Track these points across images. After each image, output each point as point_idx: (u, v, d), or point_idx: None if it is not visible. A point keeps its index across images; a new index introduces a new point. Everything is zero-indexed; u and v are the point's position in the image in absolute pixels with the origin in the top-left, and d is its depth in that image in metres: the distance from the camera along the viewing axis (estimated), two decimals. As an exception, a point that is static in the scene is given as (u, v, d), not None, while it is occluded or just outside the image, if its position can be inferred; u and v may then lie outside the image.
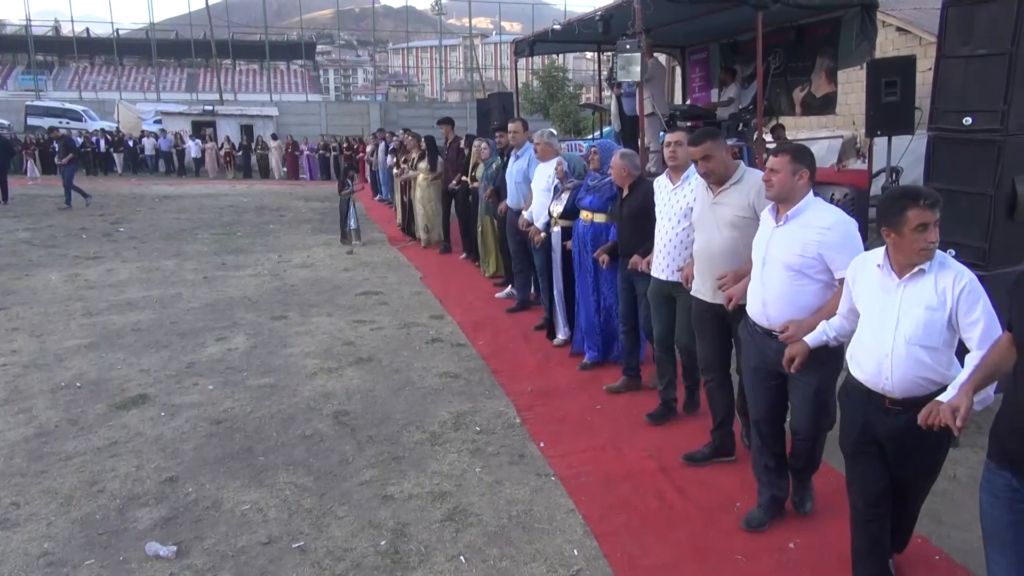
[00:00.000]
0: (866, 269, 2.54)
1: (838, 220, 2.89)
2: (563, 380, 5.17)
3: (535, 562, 3.05)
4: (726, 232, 3.46)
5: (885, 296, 2.44)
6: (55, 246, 10.97)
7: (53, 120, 29.86)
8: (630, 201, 4.60)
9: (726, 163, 3.45)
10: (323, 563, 3.05)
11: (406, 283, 8.41)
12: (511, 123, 7.20)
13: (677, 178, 4.06)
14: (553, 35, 10.66)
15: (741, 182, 3.43)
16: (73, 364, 5.56)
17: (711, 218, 3.53)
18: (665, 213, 4.10)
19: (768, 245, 3.01)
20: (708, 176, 3.47)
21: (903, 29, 13.20)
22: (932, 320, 2.34)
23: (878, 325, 2.46)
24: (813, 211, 2.93)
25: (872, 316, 2.49)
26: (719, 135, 3.51)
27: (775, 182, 2.92)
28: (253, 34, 50.36)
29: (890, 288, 2.43)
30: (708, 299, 3.62)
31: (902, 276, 2.40)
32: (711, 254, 3.54)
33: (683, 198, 3.99)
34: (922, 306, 2.35)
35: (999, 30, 4.34)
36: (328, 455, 4.04)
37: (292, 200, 17.83)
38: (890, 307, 2.42)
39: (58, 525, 3.35)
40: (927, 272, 2.36)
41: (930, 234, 2.30)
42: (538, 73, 36.35)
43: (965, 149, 4.57)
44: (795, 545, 3.13)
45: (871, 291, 2.49)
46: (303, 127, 31.05)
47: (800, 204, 2.93)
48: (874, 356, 2.46)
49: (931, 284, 2.35)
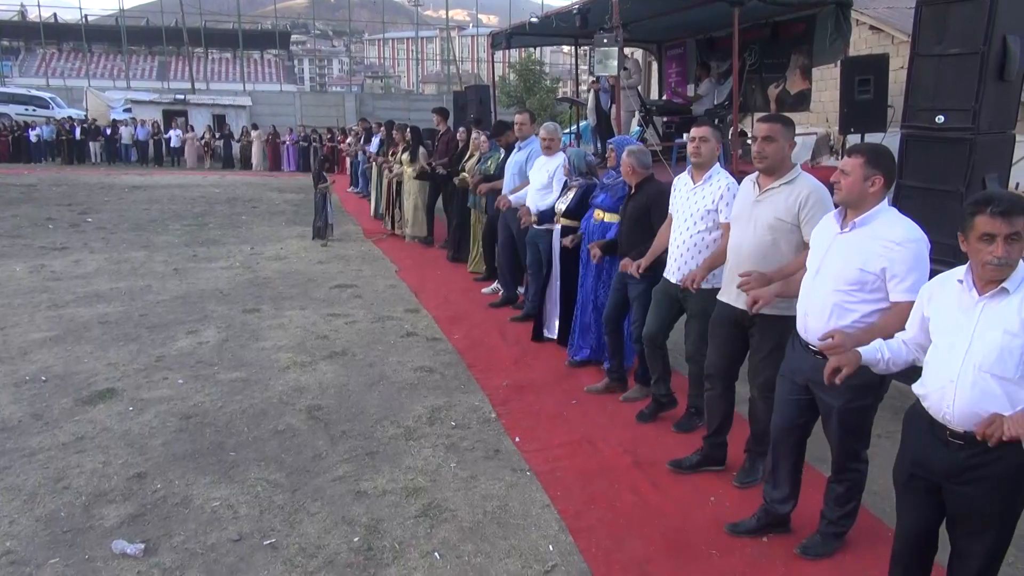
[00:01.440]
0: (945, 285, 2.26)
1: (911, 236, 2.59)
2: (539, 375, 5.16)
3: (510, 558, 3.04)
4: (761, 233, 3.22)
5: (961, 315, 2.16)
6: (20, 236, 10.71)
7: (19, 107, 29.18)
8: (634, 200, 4.48)
9: (784, 154, 3.18)
10: (295, 560, 3.00)
11: (381, 276, 8.34)
12: (518, 114, 7.00)
13: (699, 176, 3.87)
14: (530, 28, 10.65)
15: (792, 184, 3.17)
16: (38, 357, 5.43)
17: (750, 216, 3.28)
18: (682, 213, 3.92)
19: (827, 252, 2.74)
20: (760, 159, 3.18)
21: (876, 28, 13.35)
22: (1010, 347, 2.03)
23: (948, 346, 2.17)
24: (884, 221, 2.65)
25: (944, 336, 2.20)
26: (793, 126, 3.26)
27: (844, 186, 2.67)
28: (226, 22, 49.53)
29: (968, 306, 2.15)
30: (730, 302, 3.41)
31: (983, 293, 2.12)
32: (739, 254, 3.31)
33: (703, 198, 3.82)
34: (1000, 329, 2.06)
35: (972, 30, 4.40)
36: (301, 450, 3.99)
37: (265, 191, 17.61)
38: (964, 327, 2.13)
39: (21, 523, 3.26)
40: (1010, 292, 2.07)
41: (997, 247, 2.03)
42: (515, 66, 36.28)
43: (937, 147, 4.64)
44: (768, 539, 3.15)
45: (948, 308, 2.21)
46: (277, 117, 30.65)
47: (870, 212, 2.66)
48: (939, 380, 2.18)
49: (1015, 306, 2.06)
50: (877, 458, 3.17)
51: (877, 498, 3.40)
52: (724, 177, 3.85)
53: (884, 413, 3.31)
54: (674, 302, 4.08)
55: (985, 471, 2.12)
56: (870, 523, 3.26)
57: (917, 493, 2.33)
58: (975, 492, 2.16)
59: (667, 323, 4.20)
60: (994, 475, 2.12)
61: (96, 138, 25.91)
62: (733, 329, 3.45)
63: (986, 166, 4.55)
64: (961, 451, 2.15)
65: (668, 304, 4.12)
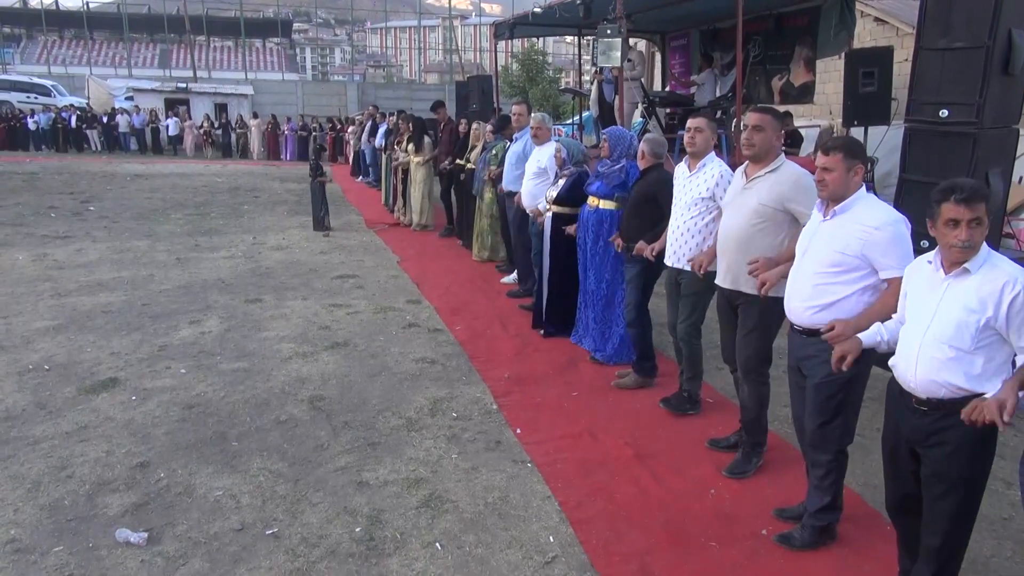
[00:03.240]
0: (919, 267, 2.45)
1: (887, 220, 2.73)
2: (540, 366, 5.17)
3: (511, 549, 3.06)
4: (745, 218, 3.37)
5: (929, 292, 2.35)
6: (23, 224, 10.72)
7: (20, 95, 29.11)
8: (638, 186, 4.63)
9: (771, 144, 3.33)
10: (297, 550, 3.02)
11: (383, 267, 8.35)
12: (515, 104, 6.98)
13: (694, 165, 4.03)
14: (533, 18, 10.61)
15: (777, 171, 3.33)
16: (41, 346, 5.45)
17: (738, 202, 3.45)
18: (679, 200, 4.07)
19: (812, 239, 2.89)
20: (748, 146, 3.34)
21: (881, 19, 13.27)
22: (967, 322, 2.23)
23: (915, 321, 2.37)
24: (863, 207, 2.78)
25: (913, 311, 2.40)
26: (781, 118, 3.41)
27: (829, 182, 2.77)
28: (228, 10, 49.29)
29: (935, 284, 2.34)
30: (723, 285, 3.57)
31: (948, 273, 2.31)
32: (727, 238, 3.48)
33: (697, 186, 3.96)
34: (960, 305, 2.25)
35: (977, 23, 4.38)
36: (303, 441, 4.01)
37: (267, 181, 17.59)
38: (930, 303, 2.33)
39: (25, 511, 3.28)
40: (972, 272, 2.25)
41: (961, 231, 2.20)
42: (518, 56, 36.10)
43: (941, 141, 4.62)
44: (767, 532, 3.17)
45: (919, 288, 2.40)
46: (279, 106, 30.57)
47: (849, 199, 2.78)
48: (906, 352, 2.38)
49: (974, 285, 2.24)
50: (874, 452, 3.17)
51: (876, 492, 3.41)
52: (717, 165, 4.00)
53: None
54: (677, 287, 4.16)
55: (947, 435, 2.31)
56: (868, 515, 3.27)
57: (896, 460, 2.53)
58: (939, 455, 2.36)
59: None
60: (955, 438, 2.30)
61: (93, 126, 25.85)
62: (731, 312, 3.61)
63: (989, 160, 4.54)
64: (925, 417, 2.36)
65: (676, 291, 4.19)
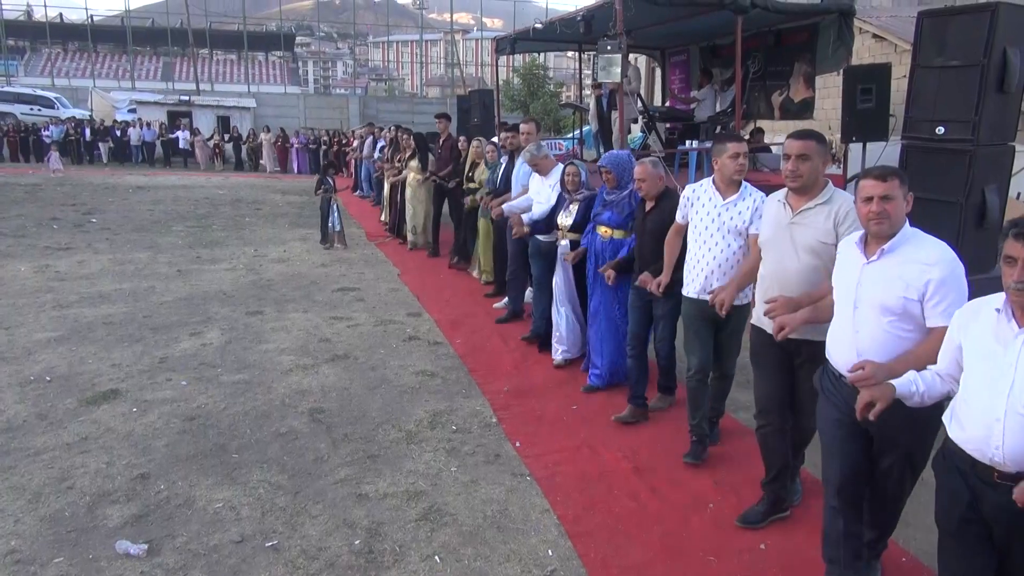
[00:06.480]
0: (980, 314, 2.10)
1: (944, 256, 2.39)
2: (540, 380, 5.18)
3: (509, 562, 3.06)
4: (805, 258, 3.01)
5: (1001, 347, 1.99)
6: (25, 236, 10.76)
7: (24, 106, 29.29)
8: (655, 215, 4.24)
9: (818, 173, 2.99)
10: (296, 562, 3.03)
11: (383, 280, 8.37)
12: (523, 123, 6.78)
13: (730, 191, 3.66)
14: (534, 34, 10.69)
15: (828, 203, 2.98)
16: (42, 357, 5.47)
17: (787, 239, 3.06)
18: (710, 227, 3.69)
19: (858, 286, 2.53)
20: (794, 178, 2.98)
21: (879, 36, 13.39)
22: None
23: (989, 382, 2.01)
24: (914, 244, 2.46)
25: (983, 370, 2.04)
26: (826, 142, 3.05)
27: (891, 212, 2.43)
28: (231, 23, 49.64)
29: (1007, 338, 1.98)
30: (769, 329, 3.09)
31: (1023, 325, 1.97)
32: (785, 280, 3.07)
33: (739, 214, 3.62)
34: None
35: (972, 42, 4.44)
36: (303, 453, 4.02)
37: (269, 193, 17.66)
38: (1006, 361, 1.97)
39: (26, 522, 3.29)
40: None
41: (1016, 271, 1.90)
42: (519, 71, 36.32)
43: (937, 158, 4.67)
44: (765, 547, 3.17)
45: (984, 340, 2.05)
46: (281, 119, 30.70)
47: (898, 237, 2.47)
48: (982, 419, 2.02)
49: None
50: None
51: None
52: (755, 191, 3.68)
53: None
54: (711, 323, 3.78)
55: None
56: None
57: (972, 538, 2.13)
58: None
59: (711, 350, 3.88)
60: None
61: (105, 139, 26.01)
62: (781, 357, 3.18)
63: (986, 177, 4.59)
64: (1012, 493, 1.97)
65: (705, 327, 3.80)
